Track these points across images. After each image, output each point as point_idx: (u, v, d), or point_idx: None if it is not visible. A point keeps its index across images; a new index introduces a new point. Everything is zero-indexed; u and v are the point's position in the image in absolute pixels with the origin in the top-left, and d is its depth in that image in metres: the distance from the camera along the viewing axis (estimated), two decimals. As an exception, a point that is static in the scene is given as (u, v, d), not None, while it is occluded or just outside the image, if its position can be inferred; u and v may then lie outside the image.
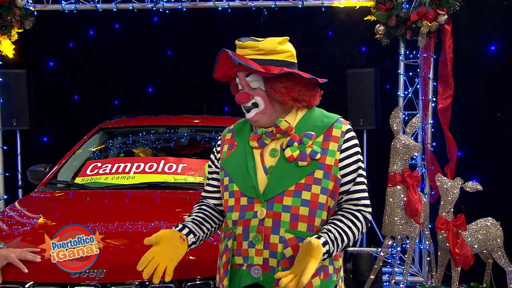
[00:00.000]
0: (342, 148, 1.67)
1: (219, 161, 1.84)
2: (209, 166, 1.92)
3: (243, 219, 1.67)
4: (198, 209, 1.90)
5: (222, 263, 1.75)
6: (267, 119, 1.70)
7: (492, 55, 4.26)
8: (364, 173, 1.72)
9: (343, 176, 1.67)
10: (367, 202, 1.71)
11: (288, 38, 1.74)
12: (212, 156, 1.91)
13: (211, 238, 2.37)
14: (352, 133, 1.72)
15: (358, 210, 1.69)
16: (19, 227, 2.45)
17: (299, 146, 1.65)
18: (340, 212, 1.69)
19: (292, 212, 1.61)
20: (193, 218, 1.83)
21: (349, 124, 1.73)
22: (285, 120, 1.69)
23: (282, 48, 1.70)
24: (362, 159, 1.72)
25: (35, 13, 4.72)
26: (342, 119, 1.74)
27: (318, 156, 1.64)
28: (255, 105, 1.70)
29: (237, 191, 1.72)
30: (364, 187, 1.71)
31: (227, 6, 4.71)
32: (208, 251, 2.26)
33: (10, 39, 4.66)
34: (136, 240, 2.29)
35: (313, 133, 1.68)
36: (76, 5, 4.71)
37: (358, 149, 1.71)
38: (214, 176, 1.89)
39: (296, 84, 1.68)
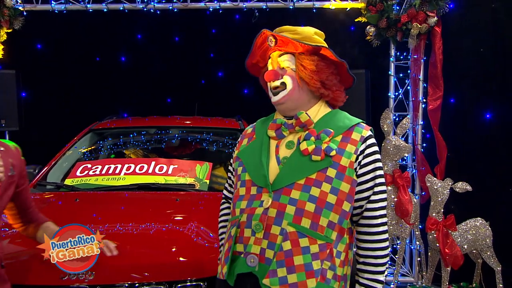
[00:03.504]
0: (364, 153, 1.64)
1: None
2: (230, 164, 1.91)
3: (250, 207, 1.65)
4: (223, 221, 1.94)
5: (224, 251, 1.72)
6: (293, 101, 1.69)
7: (481, 57, 4.29)
8: (383, 180, 1.68)
9: (361, 183, 1.64)
10: (384, 233, 1.67)
11: (324, 34, 1.78)
12: (233, 154, 1.89)
13: (201, 240, 2.39)
14: (373, 140, 1.68)
15: (374, 252, 1.66)
16: (7, 229, 2.42)
17: (316, 141, 1.63)
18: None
19: (298, 206, 1.58)
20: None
21: (370, 130, 1.70)
22: (305, 113, 1.68)
23: (318, 38, 1.72)
24: (381, 166, 1.68)
25: (24, 13, 4.69)
26: (364, 124, 1.71)
27: (333, 153, 1.61)
28: (283, 85, 1.69)
29: (248, 180, 1.70)
30: (382, 204, 1.67)
31: (218, 7, 4.71)
32: (199, 252, 2.27)
33: (-1, 39, 4.64)
34: (126, 241, 2.28)
35: (332, 130, 1.65)
36: (66, 6, 4.68)
37: (378, 156, 1.67)
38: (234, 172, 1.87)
39: (327, 67, 1.69)
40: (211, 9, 4.74)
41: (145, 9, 4.74)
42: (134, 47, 6.14)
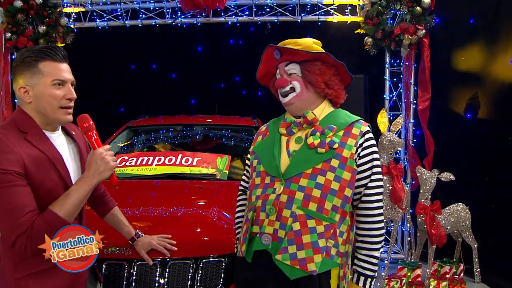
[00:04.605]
0: (363, 146, 1.64)
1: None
2: (248, 159, 1.92)
3: (264, 194, 1.67)
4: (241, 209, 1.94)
5: (242, 232, 1.74)
6: (301, 103, 1.71)
7: (462, 64, 4.26)
8: (379, 169, 1.67)
9: (360, 172, 1.64)
10: (380, 215, 1.67)
11: (321, 43, 1.79)
12: (250, 149, 1.90)
13: (222, 222, 2.41)
14: (371, 134, 1.69)
15: (370, 230, 1.67)
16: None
17: (321, 136, 1.65)
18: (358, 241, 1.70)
19: (306, 192, 1.59)
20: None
21: (368, 126, 1.71)
22: (312, 112, 1.70)
23: (316, 47, 1.73)
24: (378, 157, 1.68)
25: (75, 30, 4.74)
26: (362, 121, 1.72)
27: (336, 145, 1.62)
28: (292, 89, 1.70)
29: (263, 171, 1.72)
30: (378, 190, 1.67)
31: (236, 21, 4.71)
32: (220, 233, 2.29)
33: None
34: (157, 223, 2.32)
35: (334, 126, 1.67)
36: (108, 23, 4.74)
37: (375, 148, 1.68)
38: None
39: (328, 69, 1.70)
40: (229, 23, 4.75)
41: (173, 24, 4.76)
42: (163, 56, 6.17)
